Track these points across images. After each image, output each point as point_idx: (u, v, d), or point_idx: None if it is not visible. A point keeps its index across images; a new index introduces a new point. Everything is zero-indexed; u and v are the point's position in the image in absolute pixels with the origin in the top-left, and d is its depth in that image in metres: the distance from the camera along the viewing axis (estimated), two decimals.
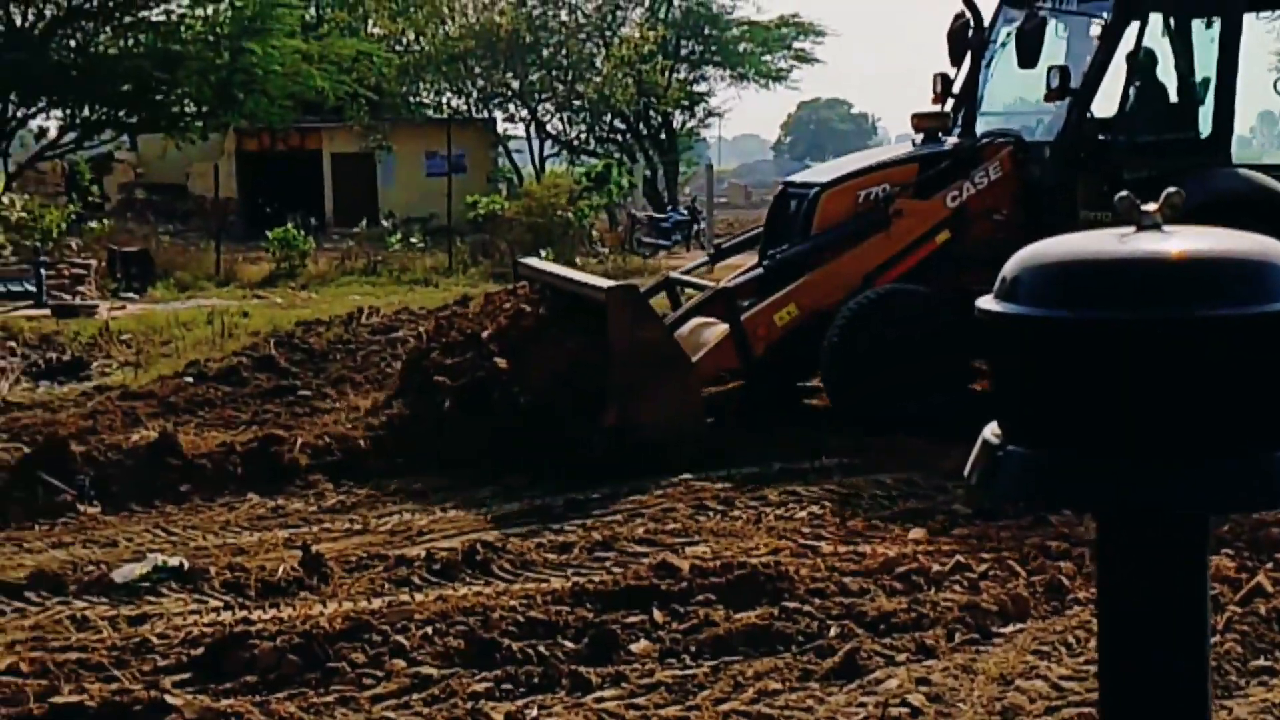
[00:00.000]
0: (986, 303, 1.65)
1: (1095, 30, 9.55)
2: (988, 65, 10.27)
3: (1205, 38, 10.02)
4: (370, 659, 4.97)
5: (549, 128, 40.23)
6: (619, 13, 38.68)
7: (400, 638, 5.14)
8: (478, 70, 39.02)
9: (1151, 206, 1.64)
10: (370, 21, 38.31)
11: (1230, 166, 9.74)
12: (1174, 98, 10.26)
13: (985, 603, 5.45)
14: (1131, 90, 9.56)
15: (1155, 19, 9.89)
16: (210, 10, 27.64)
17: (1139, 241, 1.58)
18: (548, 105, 39.55)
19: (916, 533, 6.61)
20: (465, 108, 40.04)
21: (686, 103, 39.07)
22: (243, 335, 12.72)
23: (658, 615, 5.37)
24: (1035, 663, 4.86)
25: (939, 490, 7.35)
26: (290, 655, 4.96)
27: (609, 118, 38.75)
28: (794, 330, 8.86)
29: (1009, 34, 9.92)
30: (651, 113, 38.10)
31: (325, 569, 6.04)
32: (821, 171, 10.15)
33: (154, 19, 27.10)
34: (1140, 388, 1.46)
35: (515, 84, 38.71)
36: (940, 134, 10.01)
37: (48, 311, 15.30)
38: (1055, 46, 9.84)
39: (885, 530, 6.71)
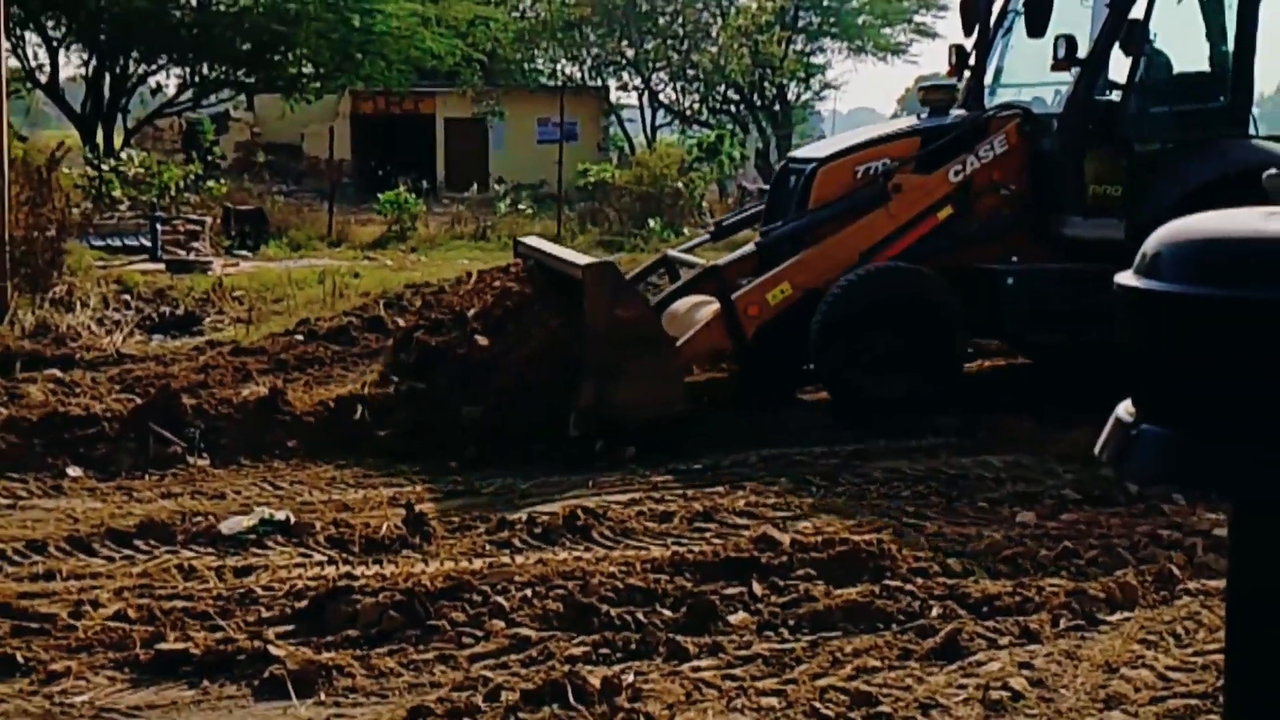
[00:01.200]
0: (1127, 279, 1.59)
1: None
2: (1006, 35, 10.01)
3: (1221, 4, 9.62)
4: (470, 618, 5.00)
5: (662, 97, 40.18)
6: None
7: (500, 599, 5.16)
8: (593, 38, 39.04)
9: None
10: None
11: (1249, 138, 9.36)
12: (1189, 67, 9.88)
13: (1092, 590, 5.34)
14: (1142, 60, 9.18)
15: None
16: None
17: None
18: (662, 75, 39.49)
19: (1024, 516, 6.51)
20: (579, 75, 40.08)
21: (802, 75, 38.72)
22: (353, 295, 12.85)
23: (757, 588, 5.34)
24: (1141, 652, 4.76)
25: (1048, 474, 7.23)
26: (392, 612, 5.01)
27: (723, 88, 38.53)
28: (788, 309, 8.52)
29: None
30: (766, 84, 37.82)
31: (428, 528, 6.09)
32: (822, 146, 9.88)
33: None
34: None
35: (630, 52, 38.67)
36: (949, 108, 9.76)
37: (162, 267, 15.59)
38: (1080, 15, 9.55)
39: (991, 513, 6.61)
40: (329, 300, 12.87)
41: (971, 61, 9.93)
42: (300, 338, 10.46)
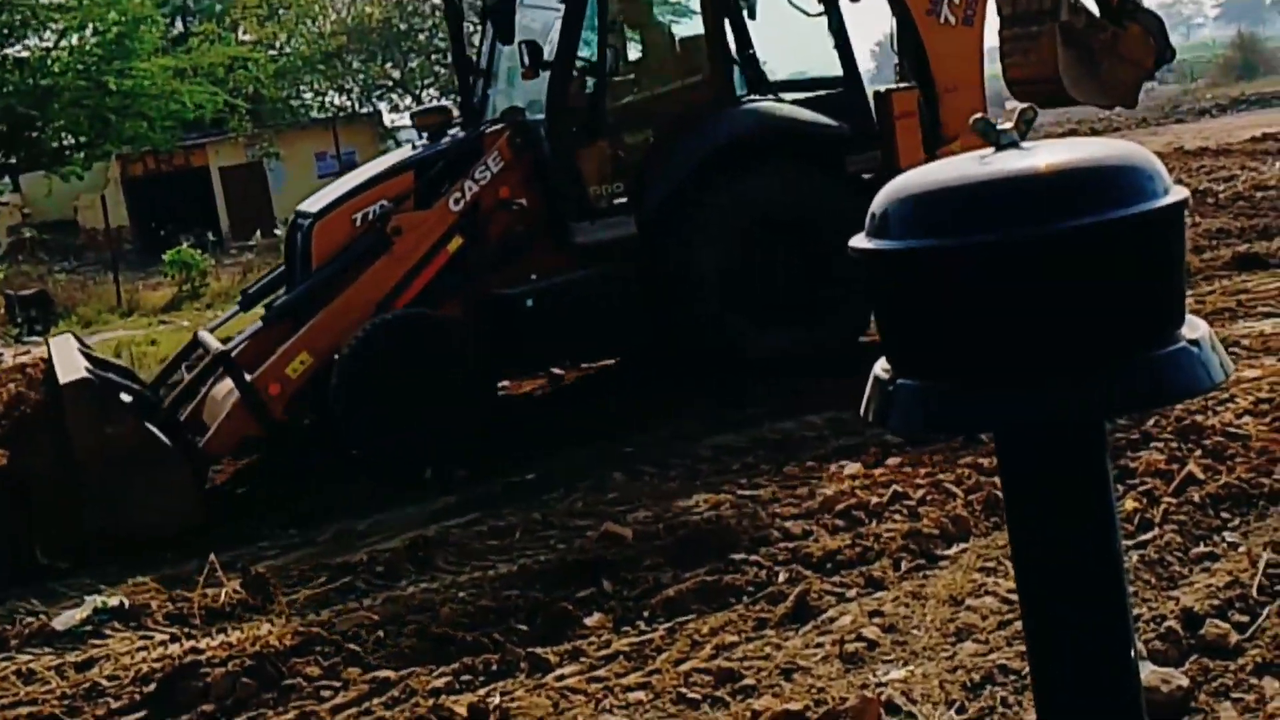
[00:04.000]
0: (860, 241, 1.67)
1: None
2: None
3: None
4: (325, 670, 4.96)
5: None
6: None
7: (353, 645, 5.13)
8: (356, 65, 38.65)
9: (1008, 125, 1.66)
10: (240, 29, 37.77)
11: (737, 105, 9.28)
12: (658, 50, 9.95)
13: (926, 528, 5.53)
14: (609, 53, 8.84)
15: None
16: (76, 39, 27.15)
17: (1002, 161, 1.60)
18: (431, 90, 39.25)
19: (851, 468, 6.68)
20: (350, 104, 39.63)
21: None
22: (152, 363, 12.52)
23: (607, 585, 5.40)
24: (983, 580, 4.94)
25: (868, 425, 7.40)
26: (244, 679, 4.94)
27: None
28: (313, 379, 7.97)
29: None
30: None
31: (269, 587, 5.99)
32: (321, 196, 9.02)
33: (19, 55, 26.57)
34: (1017, 306, 1.48)
35: (396, 74, 38.37)
36: (446, 130, 9.25)
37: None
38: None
39: (821, 470, 6.77)
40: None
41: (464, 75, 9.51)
42: None
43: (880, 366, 1.64)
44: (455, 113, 9.45)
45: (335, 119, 33.17)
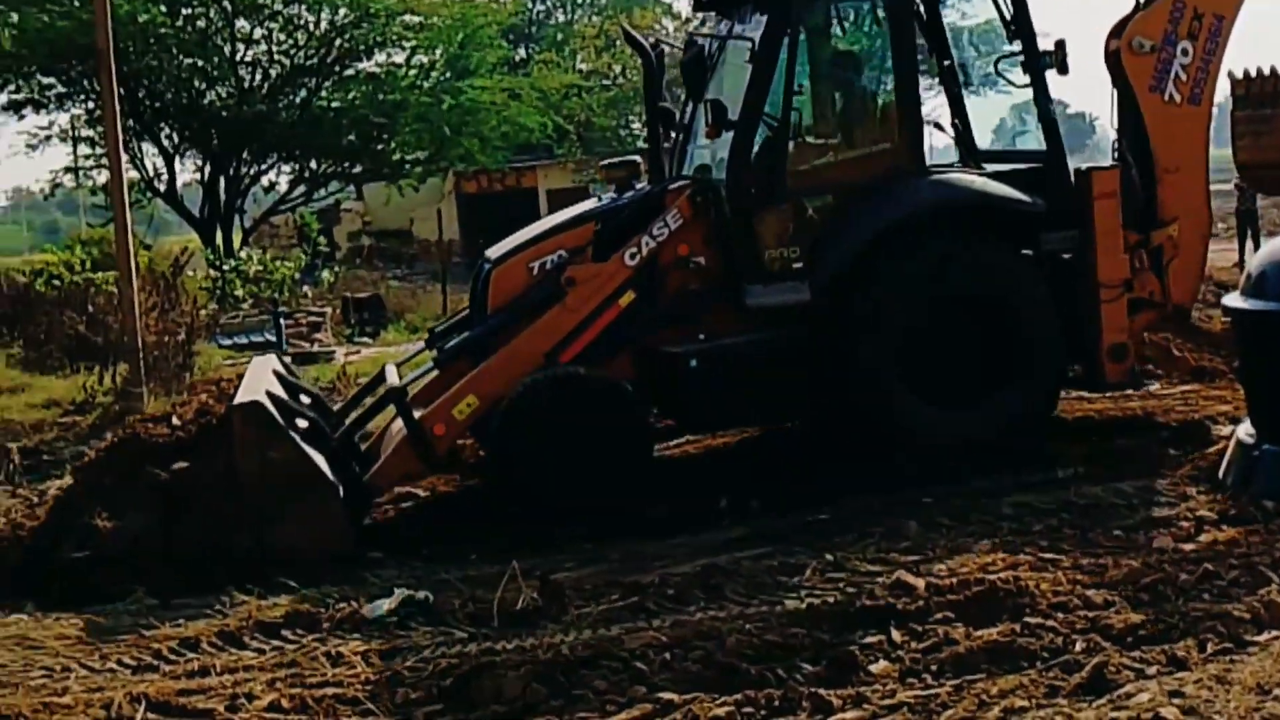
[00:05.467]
0: (1234, 300, 1.63)
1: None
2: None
3: (877, 49, 9.24)
4: (612, 685, 5.07)
5: None
6: None
7: (640, 664, 5.22)
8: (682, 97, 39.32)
9: None
10: (578, 58, 39.07)
11: (926, 175, 8.84)
12: (847, 114, 9.45)
13: (1237, 611, 5.27)
14: (794, 114, 8.66)
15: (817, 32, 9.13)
16: (425, 58, 28.64)
17: None
18: None
19: (1161, 541, 6.41)
20: None
21: None
22: None
23: (896, 635, 5.34)
24: None
25: (1182, 497, 7.10)
26: (535, 684, 5.10)
27: None
28: (479, 422, 8.12)
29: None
30: None
31: (564, 597, 6.17)
32: (505, 243, 9.06)
33: (371, 70, 28.21)
34: None
35: None
36: (634, 184, 9.15)
37: (288, 359, 15.96)
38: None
39: (1127, 540, 6.52)
40: None
41: (664, 129, 9.29)
42: None
43: (1244, 430, 1.60)
44: (644, 166, 9.39)
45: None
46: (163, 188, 28.02)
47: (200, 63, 25.99)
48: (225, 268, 21.09)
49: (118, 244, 12.39)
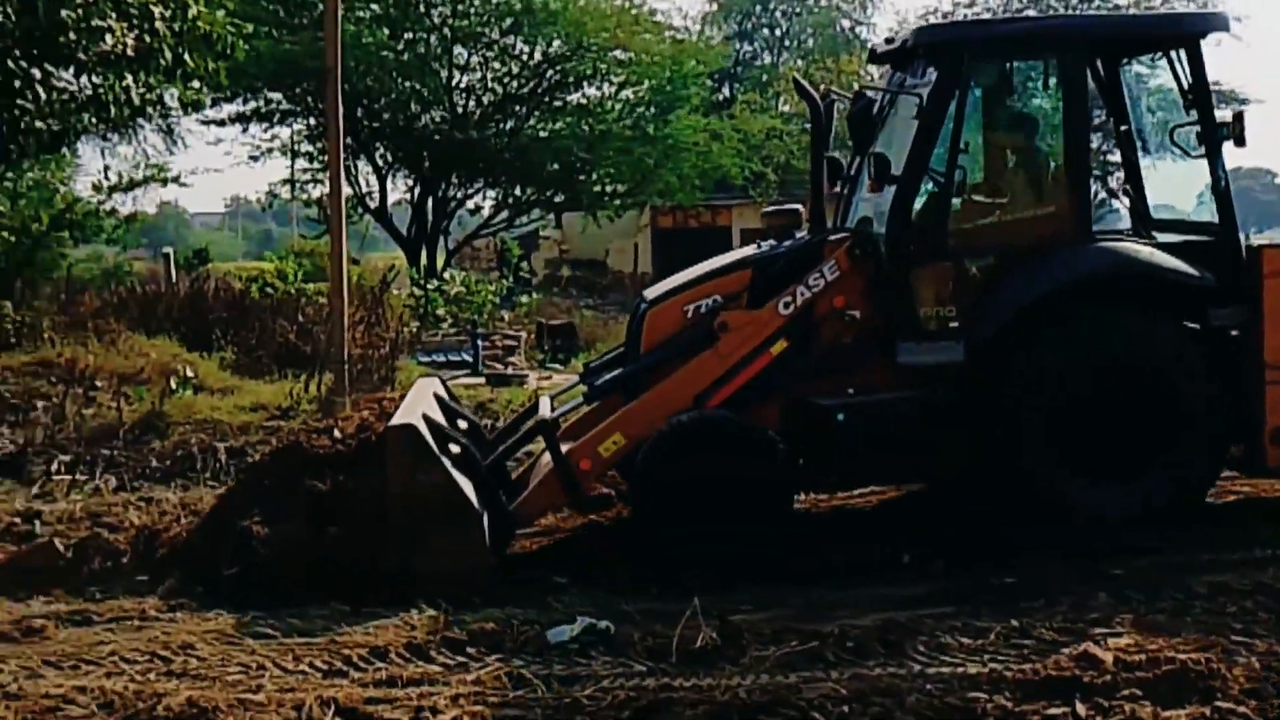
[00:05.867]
0: None
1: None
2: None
3: (1050, 109, 8.91)
4: None
5: None
6: None
7: (817, 714, 5.23)
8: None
9: None
10: (780, 100, 39.20)
11: (1091, 241, 8.60)
12: (1014, 174, 9.15)
13: None
14: (959, 171, 8.47)
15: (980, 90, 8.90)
16: (630, 92, 29.09)
17: None
18: None
19: None
20: None
21: None
22: None
23: (1080, 708, 5.25)
24: None
25: None
26: None
27: None
28: (624, 461, 8.20)
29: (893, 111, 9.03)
30: None
31: (742, 639, 6.21)
32: (663, 284, 9.16)
33: (579, 102, 28.77)
34: None
35: None
36: (794, 232, 9.09)
37: (483, 380, 16.36)
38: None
39: None
40: None
41: (830, 179, 9.19)
42: None
43: None
44: (805, 215, 9.29)
45: None
46: (374, 205, 28.97)
47: (417, 86, 26.84)
48: (429, 287, 21.70)
49: (332, 258, 12.88)
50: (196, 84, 15.94)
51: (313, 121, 27.50)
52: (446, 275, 23.93)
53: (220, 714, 5.29)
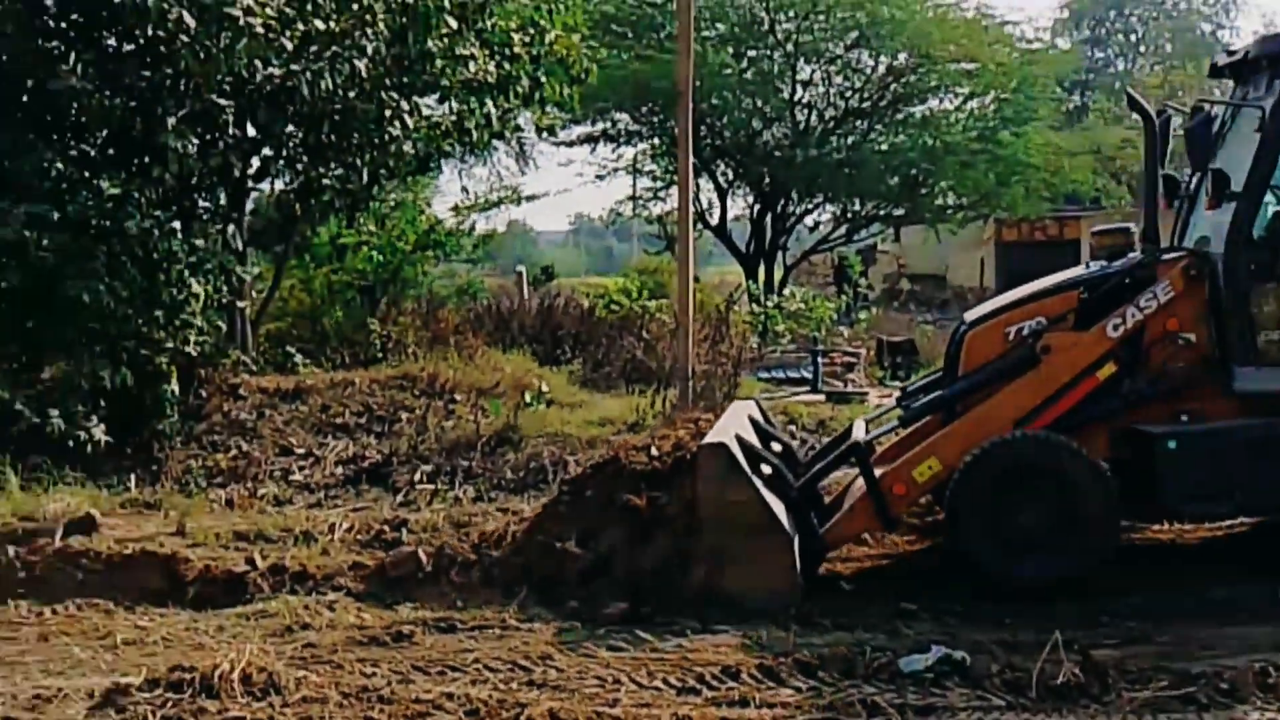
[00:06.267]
0: None
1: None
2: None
3: None
4: None
5: None
6: None
7: None
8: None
9: None
10: None
11: None
12: None
13: None
14: None
15: None
16: (975, 104, 28.48)
17: None
18: None
19: None
20: None
21: None
22: None
23: None
24: None
25: None
26: None
27: None
28: (939, 487, 7.92)
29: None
30: None
31: (1108, 677, 5.95)
32: (985, 305, 8.95)
33: (923, 115, 28.35)
34: None
35: None
36: (1125, 253, 8.60)
37: (822, 398, 16.28)
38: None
39: None
40: None
41: (1165, 196, 8.64)
42: None
43: None
44: (1137, 235, 8.83)
45: None
46: (713, 221, 29.33)
47: (760, 103, 27.02)
48: (769, 303, 21.81)
49: (679, 276, 13.05)
50: (552, 109, 16.55)
51: (657, 141, 28.05)
52: (785, 291, 23.97)
53: None
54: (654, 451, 8.33)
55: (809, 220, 30.73)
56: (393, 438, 12.83)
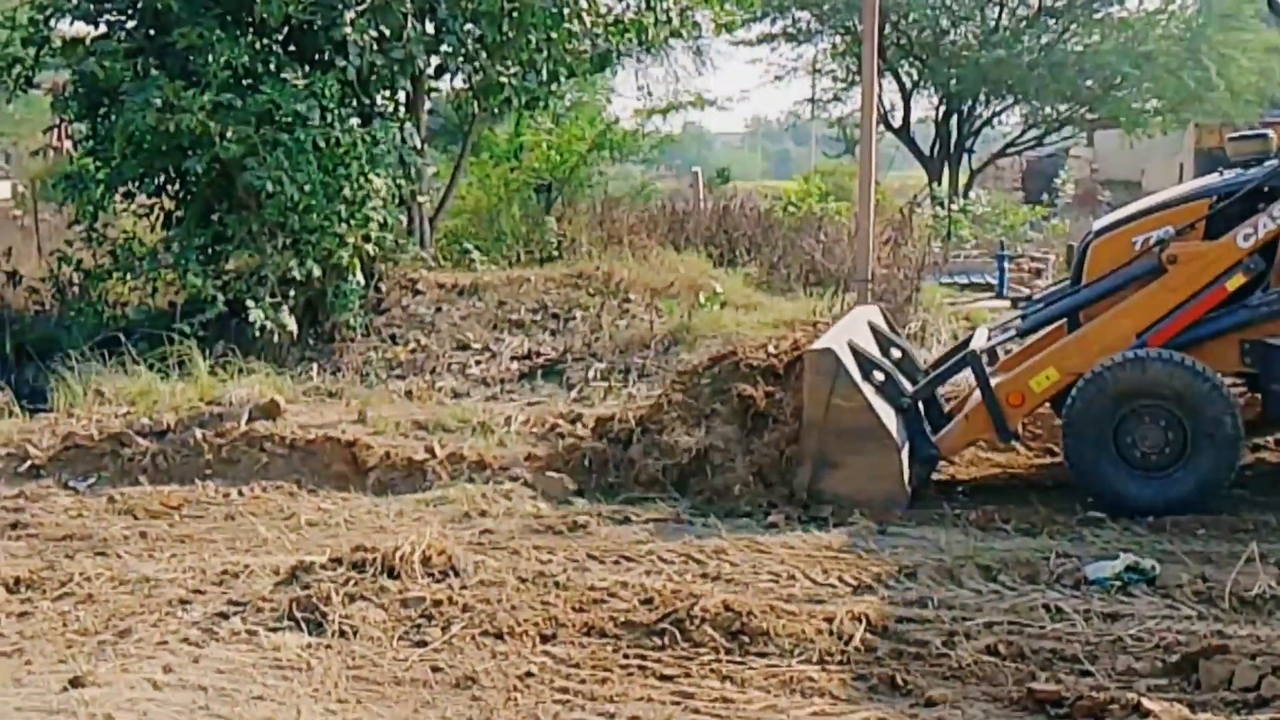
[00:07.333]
0: None
1: None
2: None
3: None
4: None
5: None
6: None
7: None
8: None
9: None
10: None
11: None
12: None
13: None
14: None
15: None
16: (1179, 4, 27.23)
17: None
18: None
19: None
20: None
21: None
22: None
23: None
24: None
25: None
26: (1271, 677, 4.71)
27: None
28: (1058, 397, 7.62)
29: None
30: None
31: None
32: (1115, 214, 8.48)
33: (1123, 15, 27.20)
34: None
35: None
36: (1262, 160, 7.98)
37: (1007, 304, 15.85)
38: None
39: None
40: None
41: None
42: None
43: None
44: (1277, 141, 8.20)
45: None
46: (897, 124, 28.69)
47: (949, 1, 26.22)
48: (953, 207, 21.28)
49: (861, 177, 12.72)
50: (731, 5, 16.23)
51: (839, 40, 27.47)
52: (972, 195, 23.33)
53: (754, 618, 5.33)
54: (771, 350, 8.27)
55: (997, 123, 29.86)
56: (567, 335, 12.86)
